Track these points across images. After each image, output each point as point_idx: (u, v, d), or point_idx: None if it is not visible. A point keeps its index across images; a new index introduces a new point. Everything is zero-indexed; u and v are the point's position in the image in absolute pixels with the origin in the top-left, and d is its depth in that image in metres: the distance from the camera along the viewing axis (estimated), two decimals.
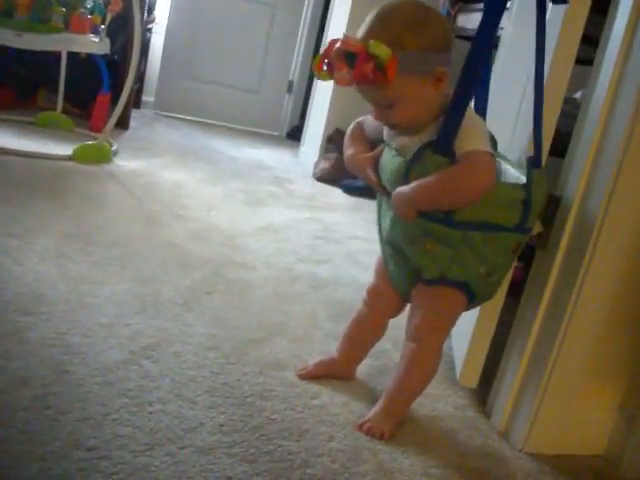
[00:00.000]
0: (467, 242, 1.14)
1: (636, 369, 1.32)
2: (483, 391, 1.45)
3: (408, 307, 1.32)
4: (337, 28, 3.77)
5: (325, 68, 1.11)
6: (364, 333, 1.40)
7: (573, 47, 1.30)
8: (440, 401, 1.40)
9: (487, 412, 1.40)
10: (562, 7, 1.26)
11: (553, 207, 1.26)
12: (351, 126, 1.32)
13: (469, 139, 1.11)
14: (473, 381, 1.47)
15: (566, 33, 1.29)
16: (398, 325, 1.36)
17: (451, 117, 1.10)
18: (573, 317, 1.22)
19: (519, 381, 1.32)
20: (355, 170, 1.28)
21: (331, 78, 1.11)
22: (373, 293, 1.37)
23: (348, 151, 1.28)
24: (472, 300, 1.23)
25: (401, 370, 1.26)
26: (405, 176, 1.13)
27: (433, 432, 1.28)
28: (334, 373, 1.39)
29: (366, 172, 1.23)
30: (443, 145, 1.11)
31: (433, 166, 1.10)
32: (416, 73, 1.11)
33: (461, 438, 1.29)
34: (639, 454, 1.27)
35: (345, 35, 1.08)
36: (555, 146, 1.34)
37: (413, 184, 1.12)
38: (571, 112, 1.42)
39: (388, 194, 1.19)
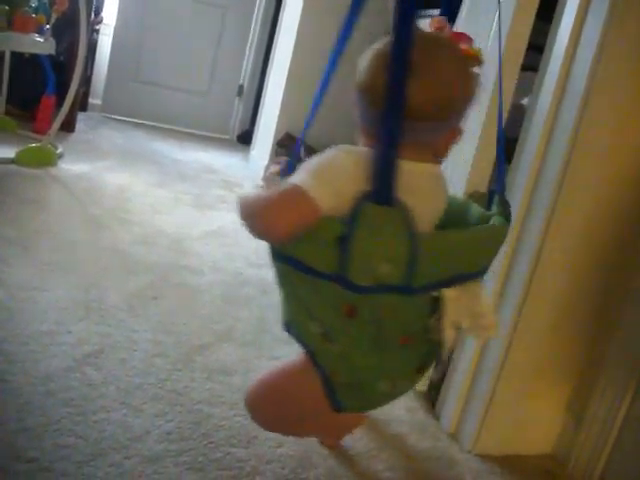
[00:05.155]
0: None
1: (582, 369, 1.34)
2: (433, 394, 1.45)
3: None
4: (288, 31, 3.76)
5: None
6: None
7: (519, 54, 1.32)
8: (390, 405, 1.39)
9: (437, 414, 1.40)
10: (509, 14, 1.27)
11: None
12: None
13: None
14: (423, 384, 1.47)
15: (513, 40, 1.30)
16: None
17: None
18: (520, 320, 1.23)
19: (468, 383, 1.32)
20: None
21: None
22: None
23: None
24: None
25: None
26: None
27: (383, 436, 1.28)
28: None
29: None
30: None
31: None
32: None
33: (411, 441, 1.28)
34: (587, 452, 1.29)
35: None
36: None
37: None
38: (519, 118, 1.43)
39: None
